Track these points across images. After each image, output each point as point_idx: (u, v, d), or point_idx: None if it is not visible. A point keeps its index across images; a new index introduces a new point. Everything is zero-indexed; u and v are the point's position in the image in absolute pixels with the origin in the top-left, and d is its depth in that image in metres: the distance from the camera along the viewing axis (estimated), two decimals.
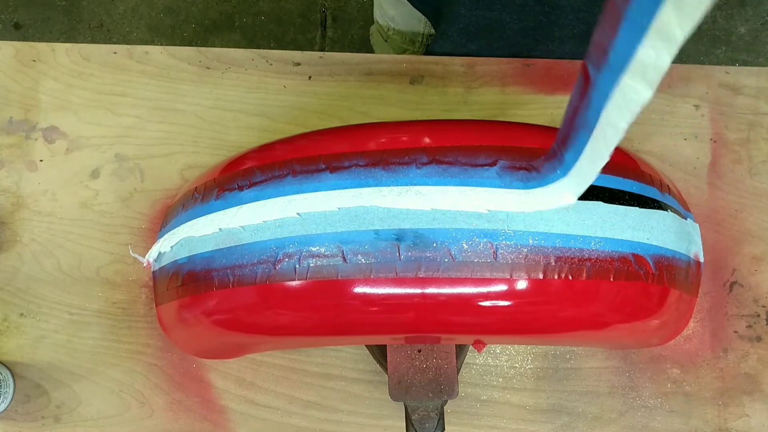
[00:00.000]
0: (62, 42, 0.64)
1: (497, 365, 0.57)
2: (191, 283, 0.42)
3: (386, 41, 0.85)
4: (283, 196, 0.40)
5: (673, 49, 0.24)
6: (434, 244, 0.38)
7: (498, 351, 0.57)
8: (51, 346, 0.57)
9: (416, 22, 0.77)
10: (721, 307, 0.58)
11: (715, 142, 0.60)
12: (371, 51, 1.04)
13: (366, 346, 0.55)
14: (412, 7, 0.72)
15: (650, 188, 0.44)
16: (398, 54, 0.84)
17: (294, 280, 0.39)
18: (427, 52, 0.70)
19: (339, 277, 0.38)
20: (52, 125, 0.61)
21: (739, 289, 0.58)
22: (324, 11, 1.43)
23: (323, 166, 0.41)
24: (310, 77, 0.62)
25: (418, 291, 0.38)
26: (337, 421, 0.57)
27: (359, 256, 0.38)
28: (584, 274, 0.39)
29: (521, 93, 0.61)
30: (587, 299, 0.40)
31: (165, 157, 0.61)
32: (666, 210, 0.44)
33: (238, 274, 0.40)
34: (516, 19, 0.62)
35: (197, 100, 0.61)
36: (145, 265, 0.48)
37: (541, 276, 0.38)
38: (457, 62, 0.62)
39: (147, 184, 0.60)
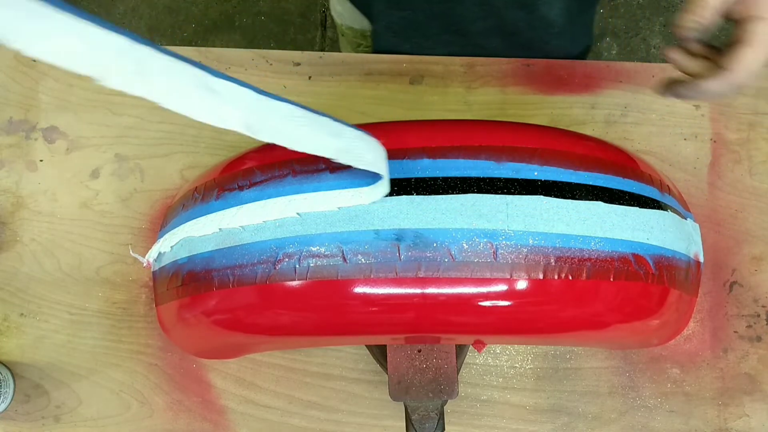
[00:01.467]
0: None
1: (497, 365, 0.57)
2: (191, 283, 0.42)
3: (344, 35, 0.86)
4: (283, 196, 0.40)
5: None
6: (434, 244, 0.38)
7: (498, 351, 0.57)
8: (51, 346, 0.57)
9: (361, 18, 0.77)
10: (721, 307, 0.58)
11: (715, 142, 0.60)
12: None
13: (366, 346, 0.55)
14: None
15: (650, 188, 0.44)
16: (354, 48, 0.84)
17: (294, 280, 0.39)
18: (374, 51, 0.70)
19: (339, 277, 0.38)
20: (52, 125, 0.61)
21: (739, 289, 0.58)
22: (324, 11, 1.43)
23: (323, 166, 0.41)
24: (310, 77, 0.62)
25: (418, 291, 0.38)
26: (337, 421, 0.57)
27: (359, 256, 0.38)
28: (584, 274, 0.39)
29: (521, 93, 0.61)
30: (587, 299, 0.40)
31: (165, 157, 0.61)
32: (666, 210, 0.44)
33: (238, 274, 0.40)
34: (429, 17, 0.63)
35: None
36: (145, 265, 0.48)
37: (541, 276, 0.38)
38: (457, 62, 0.62)
39: (147, 184, 0.60)
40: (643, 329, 0.44)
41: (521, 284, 0.38)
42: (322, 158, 0.41)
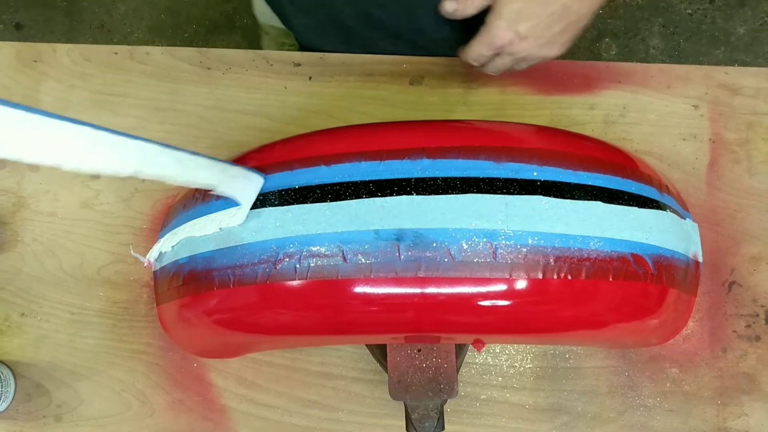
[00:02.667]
0: (63, 42, 0.64)
1: (497, 364, 0.57)
2: (192, 283, 0.43)
3: (268, 34, 0.86)
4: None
5: None
6: (434, 244, 0.38)
7: (497, 350, 0.58)
8: (52, 345, 0.58)
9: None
10: (719, 306, 0.58)
11: (714, 142, 0.61)
12: None
13: (366, 345, 0.55)
14: None
15: (649, 188, 0.44)
16: (278, 47, 0.84)
17: (294, 279, 0.39)
18: (301, 48, 0.70)
19: (339, 277, 0.38)
20: None
21: (738, 288, 0.58)
22: None
23: (323, 166, 0.41)
24: (310, 78, 0.62)
25: (417, 291, 0.38)
26: (337, 420, 0.57)
27: (359, 256, 0.38)
28: (583, 274, 0.39)
29: (520, 93, 0.62)
30: (586, 299, 0.40)
31: None
32: (665, 210, 0.44)
33: (238, 274, 0.40)
34: (332, 21, 0.64)
35: (198, 101, 0.62)
36: (146, 264, 0.48)
37: (540, 276, 0.38)
38: (456, 63, 0.62)
39: (148, 184, 0.60)
40: (642, 329, 0.45)
41: (521, 284, 0.38)
42: (323, 158, 0.41)
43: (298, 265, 0.39)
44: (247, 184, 0.41)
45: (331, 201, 0.40)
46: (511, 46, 0.52)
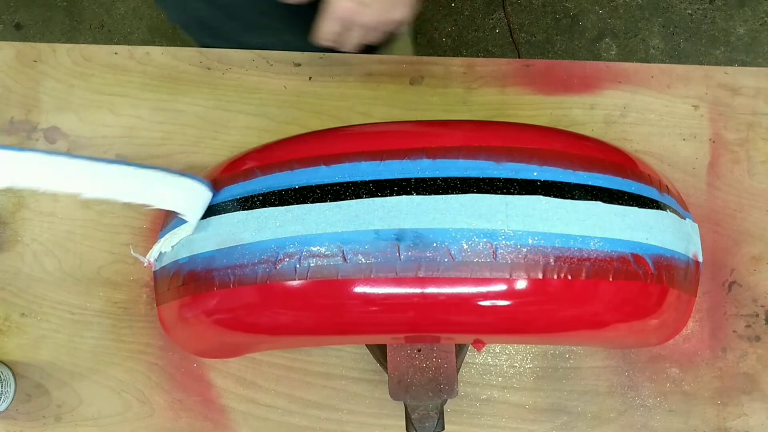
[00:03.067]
0: (63, 42, 0.64)
1: (497, 364, 0.57)
2: (192, 283, 0.43)
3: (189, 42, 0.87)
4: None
5: None
6: (434, 244, 0.38)
7: (497, 350, 0.58)
8: (52, 345, 0.58)
9: None
10: (720, 306, 0.58)
11: (714, 142, 0.61)
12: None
13: (366, 345, 0.55)
14: None
15: (649, 188, 0.44)
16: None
17: (294, 279, 0.39)
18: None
19: (339, 277, 0.38)
20: (53, 125, 0.61)
21: (738, 288, 0.58)
22: None
23: (323, 166, 0.41)
24: (310, 78, 0.62)
25: (417, 291, 0.38)
26: (338, 420, 0.57)
27: (359, 256, 0.38)
28: (583, 274, 0.39)
29: (521, 93, 0.62)
30: (586, 299, 0.40)
31: (166, 158, 0.61)
32: (665, 210, 0.44)
33: (238, 274, 0.40)
34: (190, 20, 0.65)
35: (198, 101, 0.62)
36: (146, 264, 0.48)
37: (540, 276, 0.38)
38: (456, 63, 0.62)
39: None
40: (642, 329, 0.45)
41: (521, 284, 0.38)
42: (323, 158, 0.41)
43: (298, 265, 0.39)
44: (189, 197, 0.41)
45: (331, 201, 0.40)
46: (356, 16, 0.51)
